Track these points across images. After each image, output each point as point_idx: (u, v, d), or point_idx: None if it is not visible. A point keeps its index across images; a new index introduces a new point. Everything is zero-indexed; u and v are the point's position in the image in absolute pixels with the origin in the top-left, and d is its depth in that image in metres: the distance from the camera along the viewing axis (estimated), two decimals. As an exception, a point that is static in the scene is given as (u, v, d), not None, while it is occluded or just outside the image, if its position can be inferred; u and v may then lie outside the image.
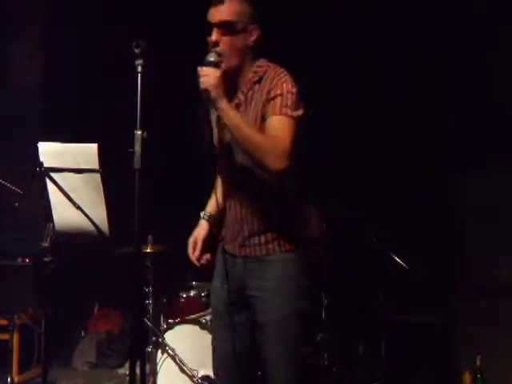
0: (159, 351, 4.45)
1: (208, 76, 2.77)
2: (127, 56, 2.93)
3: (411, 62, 5.87)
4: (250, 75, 2.97)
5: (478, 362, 5.10)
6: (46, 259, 3.24)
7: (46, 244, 3.19)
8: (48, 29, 6.29)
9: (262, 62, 3.00)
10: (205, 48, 2.93)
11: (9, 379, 5.38)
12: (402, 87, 5.90)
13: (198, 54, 2.93)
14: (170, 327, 4.54)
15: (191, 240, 3.18)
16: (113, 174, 3.11)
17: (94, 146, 2.93)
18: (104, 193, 3.01)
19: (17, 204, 4.73)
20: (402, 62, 5.89)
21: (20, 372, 5.52)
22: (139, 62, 2.83)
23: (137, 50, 2.82)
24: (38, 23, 6.26)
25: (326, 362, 4.54)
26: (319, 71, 5.65)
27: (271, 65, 2.99)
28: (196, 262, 3.16)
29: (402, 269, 5.40)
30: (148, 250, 4.55)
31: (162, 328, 4.59)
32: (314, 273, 5.20)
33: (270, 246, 2.97)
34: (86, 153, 2.94)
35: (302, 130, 2.89)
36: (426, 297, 5.52)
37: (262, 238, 2.97)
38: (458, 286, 5.44)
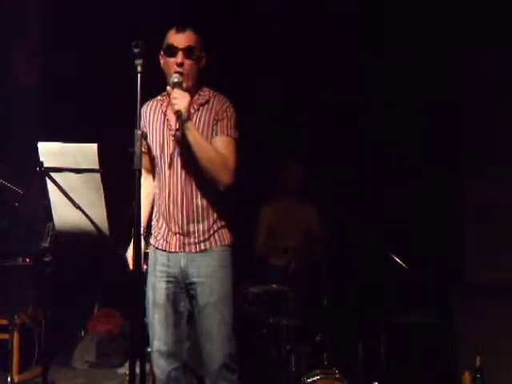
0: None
1: (180, 99, 3.17)
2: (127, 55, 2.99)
3: (411, 63, 5.85)
4: (195, 97, 3.36)
5: (478, 362, 5.11)
6: (46, 259, 3.25)
7: (46, 244, 3.20)
8: (48, 28, 6.28)
9: (205, 87, 3.44)
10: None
11: (9, 379, 5.40)
12: (401, 88, 5.88)
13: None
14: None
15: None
16: (112, 174, 3.13)
17: (94, 146, 2.94)
18: (104, 193, 3.01)
19: (17, 204, 4.74)
20: (402, 63, 5.87)
21: (20, 371, 5.54)
22: (138, 61, 2.88)
23: (136, 50, 2.88)
24: (38, 22, 6.24)
25: (325, 362, 4.53)
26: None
27: (214, 91, 3.45)
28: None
29: (401, 269, 5.42)
30: (148, 251, 4.55)
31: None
32: (313, 273, 5.28)
33: (209, 241, 3.40)
34: (86, 153, 2.93)
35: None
36: (425, 297, 5.52)
37: (201, 235, 3.38)
38: (457, 286, 5.45)
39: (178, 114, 3.19)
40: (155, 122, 3.41)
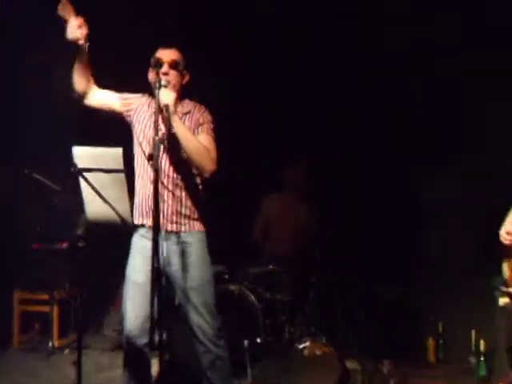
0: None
1: (167, 95, 3.09)
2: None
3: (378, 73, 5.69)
4: (179, 108, 3.30)
5: (440, 329, 5.12)
6: (80, 244, 3.27)
7: (79, 232, 3.23)
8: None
9: (187, 99, 3.45)
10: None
11: (50, 344, 5.42)
12: (364, 95, 5.74)
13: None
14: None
15: None
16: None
17: (119, 150, 2.91)
18: (127, 189, 3.01)
19: (56, 199, 4.74)
20: (371, 72, 5.72)
21: (59, 338, 5.55)
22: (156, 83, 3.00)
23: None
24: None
25: (313, 331, 4.54)
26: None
27: (194, 102, 3.47)
28: None
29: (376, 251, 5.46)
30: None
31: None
32: (302, 258, 5.28)
33: (188, 227, 3.36)
34: (113, 155, 2.91)
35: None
36: (396, 273, 5.53)
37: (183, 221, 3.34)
38: (423, 264, 5.45)
39: (166, 107, 3.09)
40: (145, 117, 3.38)
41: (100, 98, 3.37)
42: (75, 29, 3.02)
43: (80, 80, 3.25)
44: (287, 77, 5.91)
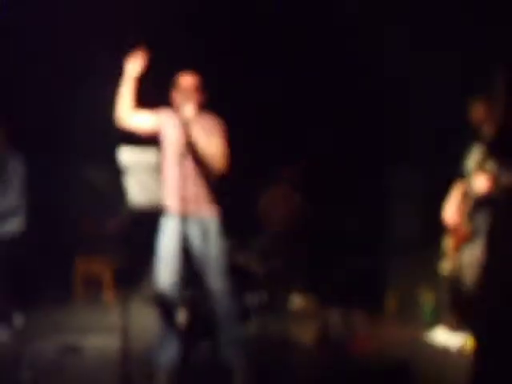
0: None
1: (188, 111, 3.07)
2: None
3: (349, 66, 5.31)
4: (197, 119, 3.20)
5: (398, 289, 5.16)
6: (126, 222, 3.31)
7: (125, 213, 3.14)
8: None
9: (203, 112, 3.30)
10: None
11: (104, 298, 5.54)
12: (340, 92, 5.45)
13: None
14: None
15: None
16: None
17: (156, 150, 2.94)
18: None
19: (105, 188, 4.68)
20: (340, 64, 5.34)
21: (111, 293, 5.61)
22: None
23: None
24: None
25: (302, 288, 4.59)
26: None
27: (209, 114, 3.33)
28: None
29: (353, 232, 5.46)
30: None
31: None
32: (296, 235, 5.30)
33: (208, 212, 3.28)
34: (151, 154, 2.91)
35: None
36: (366, 247, 5.56)
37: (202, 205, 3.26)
38: (388, 241, 5.49)
39: (187, 121, 3.08)
40: (171, 128, 3.25)
41: (137, 121, 3.27)
42: (138, 67, 2.99)
43: (126, 107, 3.20)
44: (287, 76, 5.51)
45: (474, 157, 3.73)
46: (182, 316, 3.25)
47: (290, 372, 3.61)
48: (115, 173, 3.01)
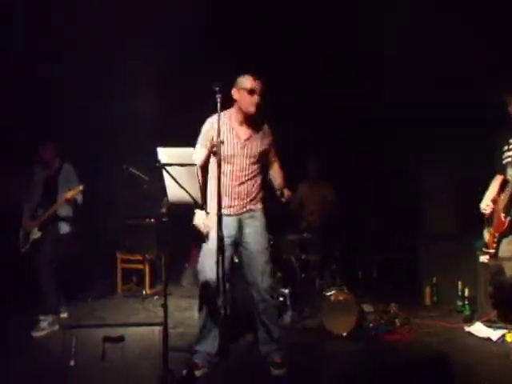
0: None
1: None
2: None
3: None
4: (253, 119, 3.33)
5: (434, 281, 5.08)
6: (164, 219, 3.29)
7: (163, 210, 3.23)
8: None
9: (259, 120, 3.39)
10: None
11: (144, 291, 5.55)
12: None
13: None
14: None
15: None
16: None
17: (191, 150, 2.95)
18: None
19: (145, 186, 4.78)
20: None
21: (150, 287, 5.69)
22: (219, 95, 2.96)
23: (216, 88, 2.92)
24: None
25: (338, 283, 4.57)
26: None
27: (264, 124, 3.42)
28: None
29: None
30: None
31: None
32: (328, 227, 5.28)
33: (256, 207, 3.38)
34: (187, 154, 2.91)
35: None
36: (400, 242, 5.50)
37: (251, 203, 3.36)
38: (421, 234, 5.39)
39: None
40: (225, 131, 3.31)
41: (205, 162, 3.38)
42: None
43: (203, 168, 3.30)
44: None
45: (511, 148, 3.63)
46: (224, 307, 3.26)
47: (326, 364, 3.60)
48: (155, 172, 3.06)
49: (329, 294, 4.24)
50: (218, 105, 2.96)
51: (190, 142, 3.28)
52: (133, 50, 5.25)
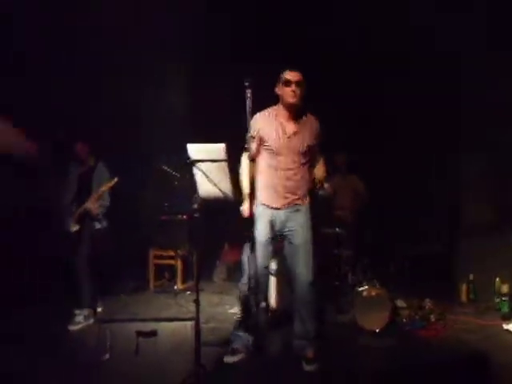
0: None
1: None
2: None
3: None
4: (300, 114, 3.39)
5: (471, 277, 4.95)
6: (196, 215, 3.26)
7: (195, 206, 3.22)
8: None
9: (304, 110, 3.42)
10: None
11: (176, 287, 5.57)
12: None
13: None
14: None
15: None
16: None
17: (222, 145, 2.94)
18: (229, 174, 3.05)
19: (176, 183, 4.80)
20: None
21: (182, 283, 5.70)
22: (248, 90, 2.93)
23: (247, 83, 2.92)
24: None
25: (370, 276, 4.50)
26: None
27: (310, 114, 3.44)
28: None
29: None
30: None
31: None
32: (360, 221, 5.21)
33: (302, 201, 3.38)
34: (218, 149, 2.93)
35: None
36: (441, 237, 5.37)
37: (297, 197, 3.37)
38: (457, 228, 5.26)
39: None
40: (271, 126, 3.36)
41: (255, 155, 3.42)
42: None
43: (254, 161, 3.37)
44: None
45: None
46: (263, 299, 3.37)
47: (359, 360, 3.55)
48: (187, 168, 3.08)
49: (361, 289, 4.18)
50: (248, 100, 2.93)
51: (219, 138, 3.27)
52: (159, 48, 5.30)
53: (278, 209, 3.39)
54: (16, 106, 4.22)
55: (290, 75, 3.31)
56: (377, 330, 3.95)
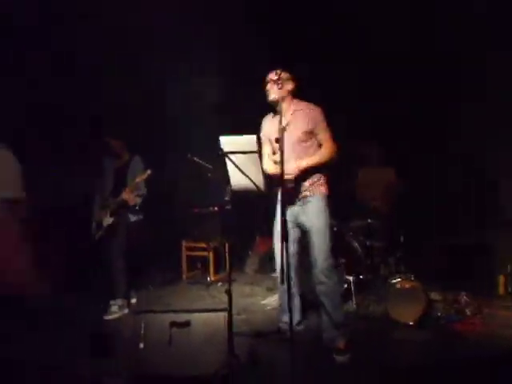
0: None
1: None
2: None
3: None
4: (291, 106, 3.42)
5: (509, 269, 4.80)
6: (228, 207, 3.31)
7: (227, 198, 3.27)
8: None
9: (296, 99, 3.46)
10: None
11: (208, 278, 5.64)
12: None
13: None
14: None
15: None
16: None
17: (253, 137, 2.94)
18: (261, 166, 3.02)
19: (209, 175, 4.80)
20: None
21: (215, 274, 5.75)
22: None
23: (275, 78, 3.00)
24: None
25: (403, 268, 4.42)
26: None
27: (305, 102, 3.45)
28: None
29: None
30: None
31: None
32: (392, 212, 5.11)
33: (310, 192, 3.40)
34: (249, 141, 2.93)
35: None
36: (476, 228, 5.23)
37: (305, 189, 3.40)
38: (496, 220, 5.09)
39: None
40: (272, 126, 3.39)
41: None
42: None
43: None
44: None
45: None
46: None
47: (392, 353, 3.49)
48: (219, 160, 3.09)
49: (394, 281, 4.10)
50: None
51: (251, 130, 3.27)
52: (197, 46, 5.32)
53: (298, 199, 3.42)
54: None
55: (267, 77, 3.40)
56: (411, 323, 3.88)
